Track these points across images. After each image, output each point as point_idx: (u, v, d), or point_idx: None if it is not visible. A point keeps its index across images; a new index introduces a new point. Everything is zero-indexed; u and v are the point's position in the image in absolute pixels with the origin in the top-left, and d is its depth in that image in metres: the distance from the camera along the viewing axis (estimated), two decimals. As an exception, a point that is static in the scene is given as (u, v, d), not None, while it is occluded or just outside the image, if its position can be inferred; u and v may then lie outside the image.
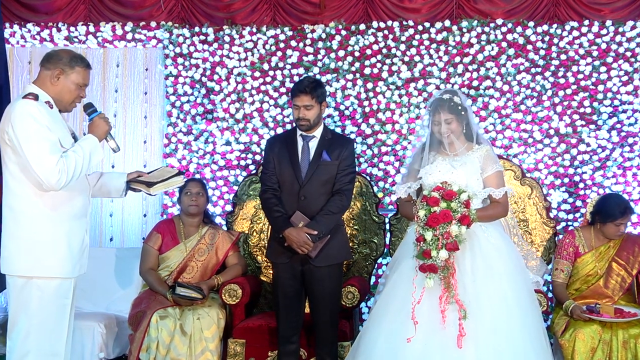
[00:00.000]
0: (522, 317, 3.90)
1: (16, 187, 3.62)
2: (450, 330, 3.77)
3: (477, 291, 3.86)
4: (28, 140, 3.52)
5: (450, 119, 4.14)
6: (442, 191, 3.90)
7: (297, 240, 4.40)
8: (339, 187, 4.57)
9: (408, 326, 3.80)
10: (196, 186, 5.24)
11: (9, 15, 6.53)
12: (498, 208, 4.13)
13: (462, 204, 3.86)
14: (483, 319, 3.80)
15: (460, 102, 4.16)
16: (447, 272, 3.82)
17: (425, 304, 3.83)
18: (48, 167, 3.51)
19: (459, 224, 3.83)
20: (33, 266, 3.61)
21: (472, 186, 4.07)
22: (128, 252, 5.99)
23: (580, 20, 6.24)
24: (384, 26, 6.39)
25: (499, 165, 4.20)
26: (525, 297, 4.01)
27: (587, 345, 4.57)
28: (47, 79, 3.71)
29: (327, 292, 4.55)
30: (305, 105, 4.50)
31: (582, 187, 6.12)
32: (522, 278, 4.10)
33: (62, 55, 3.76)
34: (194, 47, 6.50)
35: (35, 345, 3.64)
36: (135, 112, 6.65)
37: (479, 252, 3.97)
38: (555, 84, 6.22)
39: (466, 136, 4.23)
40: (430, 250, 3.81)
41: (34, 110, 3.56)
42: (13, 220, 3.64)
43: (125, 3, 6.61)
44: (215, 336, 4.84)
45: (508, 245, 4.16)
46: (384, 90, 6.33)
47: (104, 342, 5.34)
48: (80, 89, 3.79)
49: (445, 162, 4.14)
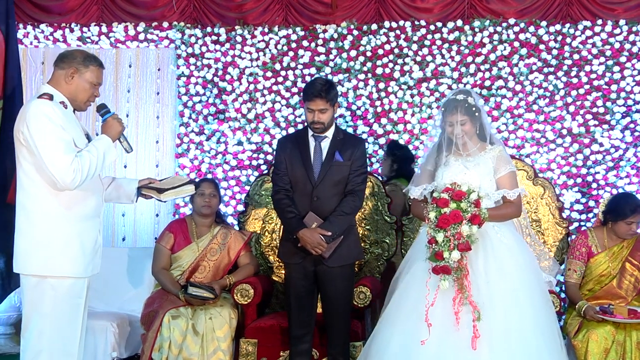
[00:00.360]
0: (536, 317, 3.88)
1: (30, 186, 3.64)
2: (464, 331, 3.75)
3: (491, 292, 3.84)
4: (43, 139, 3.53)
5: (464, 120, 4.11)
6: (451, 192, 3.87)
7: (311, 241, 4.40)
8: (352, 187, 4.56)
9: (421, 328, 3.78)
10: (209, 187, 5.24)
11: (23, 16, 6.57)
12: (511, 208, 4.11)
13: (472, 203, 3.84)
14: (496, 320, 3.78)
15: (474, 102, 4.13)
16: (461, 274, 3.80)
17: (439, 305, 3.82)
18: (63, 166, 3.52)
19: (469, 224, 3.81)
20: (46, 265, 3.63)
21: (485, 187, 4.05)
22: (140, 252, 6.00)
23: (593, 19, 6.22)
24: (395, 26, 6.39)
25: (511, 165, 4.17)
26: (538, 297, 3.99)
27: (601, 346, 4.55)
28: (62, 79, 3.73)
29: (340, 292, 4.55)
30: (320, 109, 4.49)
31: (595, 187, 6.10)
32: (535, 277, 4.08)
33: (76, 54, 3.78)
34: (206, 48, 6.52)
35: (49, 345, 3.65)
36: (147, 112, 6.67)
37: (492, 252, 3.95)
38: (568, 83, 6.20)
39: (479, 136, 4.21)
40: (442, 251, 3.79)
41: (49, 110, 3.58)
42: (26, 220, 3.66)
43: (137, 3, 6.63)
44: (227, 336, 4.84)
45: (520, 245, 4.14)
46: (395, 90, 6.33)
47: (117, 341, 5.35)
48: (94, 87, 3.80)
49: (458, 163, 4.12)
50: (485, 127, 4.21)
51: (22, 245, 3.67)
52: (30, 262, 3.65)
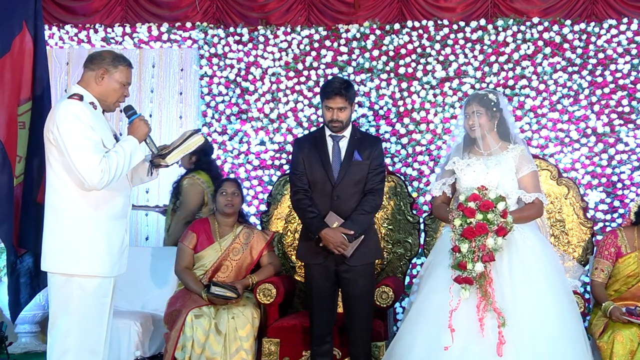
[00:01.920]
0: (562, 320, 3.85)
1: (59, 185, 3.67)
2: (489, 338, 3.71)
3: (515, 296, 3.80)
4: (72, 139, 3.56)
5: (480, 110, 4.10)
6: (479, 202, 3.82)
7: (334, 241, 4.40)
8: (371, 186, 4.56)
9: (445, 334, 3.76)
10: (232, 186, 5.25)
11: (48, 17, 6.63)
12: (533, 209, 4.08)
13: (499, 215, 3.79)
14: (522, 325, 3.74)
15: (495, 99, 4.12)
16: (484, 281, 3.77)
17: (463, 311, 3.78)
18: (91, 166, 3.55)
19: (495, 236, 3.78)
20: (74, 264, 3.66)
21: (506, 186, 4.02)
22: (164, 252, 6.03)
23: (618, 18, 6.17)
24: (418, 25, 6.37)
25: (533, 165, 4.15)
26: (563, 299, 3.96)
27: (626, 348, 4.49)
28: (92, 79, 3.76)
29: (362, 291, 4.54)
30: (339, 107, 4.49)
31: (620, 187, 6.04)
32: (560, 278, 4.04)
33: (105, 55, 3.81)
34: (228, 48, 6.54)
35: (75, 343, 3.68)
36: (170, 112, 6.71)
37: (516, 255, 3.91)
38: (593, 82, 6.15)
39: (501, 135, 4.18)
40: (466, 262, 3.76)
41: (78, 110, 3.61)
42: (55, 218, 3.69)
43: (161, 4, 6.67)
44: (249, 335, 4.85)
45: (544, 246, 4.11)
46: (418, 89, 6.31)
47: (140, 340, 5.38)
48: (124, 87, 3.83)
49: (479, 162, 4.10)
50: (508, 126, 4.19)
51: (51, 244, 3.71)
52: (58, 261, 3.69)
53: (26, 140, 4.40)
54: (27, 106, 4.36)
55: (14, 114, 4.39)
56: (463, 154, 4.18)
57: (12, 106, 4.38)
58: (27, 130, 4.41)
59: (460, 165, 4.13)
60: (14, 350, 6.08)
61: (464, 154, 4.19)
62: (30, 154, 4.35)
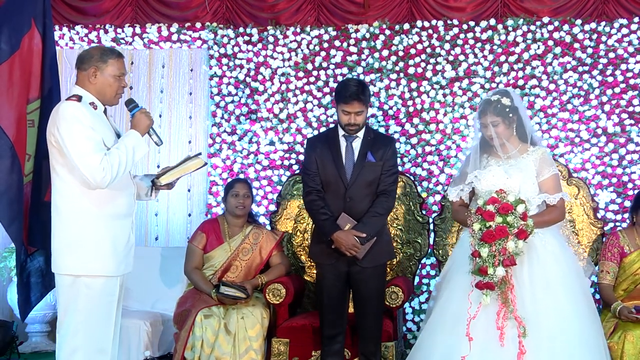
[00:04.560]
0: (581, 328, 3.77)
1: (62, 186, 3.69)
2: (509, 347, 3.64)
3: (537, 305, 3.73)
4: (72, 140, 3.59)
5: (496, 121, 4.02)
6: (497, 205, 3.75)
7: (346, 243, 4.39)
8: (384, 187, 4.55)
9: (463, 342, 3.69)
10: (244, 188, 5.26)
11: (59, 18, 6.66)
12: (554, 213, 4.02)
13: (519, 217, 3.73)
14: (542, 335, 3.67)
15: (509, 103, 4.03)
16: (505, 287, 3.70)
17: (482, 319, 3.71)
18: (92, 165, 3.57)
19: (515, 239, 3.71)
20: (79, 265, 3.68)
21: (527, 191, 3.95)
22: (173, 251, 6.05)
23: (629, 17, 6.14)
24: (428, 25, 6.36)
25: (554, 168, 4.07)
26: (583, 306, 3.88)
27: (637, 347, 4.48)
28: (86, 79, 3.78)
29: (372, 292, 4.54)
30: (357, 111, 4.47)
31: (630, 187, 6.01)
32: (580, 284, 3.97)
33: (93, 53, 3.82)
34: (238, 48, 6.55)
35: (83, 342, 3.69)
36: (180, 113, 6.72)
37: (537, 262, 3.84)
38: (603, 82, 6.12)
39: (520, 137, 4.11)
40: (487, 267, 3.68)
41: (77, 111, 3.63)
42: (59, 220, 3.72)
43: (171, 4, 6.68)
44: (259, 335, 4.85)
45: (564, 250, 4.03)
46: (428, 89, 6.30)
47: (150, 340, 5.40)
48: (119, 79, 3.83)
49: (499, 168, 4.02)
50: (526, 128, 4.10)
51: (57, 245, 3.73)
52: (65, 262, 3.71)
53: (35, 138, 4.42)
54: (35, 104, 4.38)
55: (23, 112, 4.41)
56: (482, 156, 4.11)
57: (22, 105, 4.40)
58: (36, 128, 4.43)
59: (481, 175, 4.04)
60: (25, 349, 6.11)
61: (483, 156, 4.11)
62: (38, 152, 4.36)
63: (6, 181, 4.14)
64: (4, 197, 4.14)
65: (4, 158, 4.24)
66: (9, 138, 4.28)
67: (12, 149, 4.25)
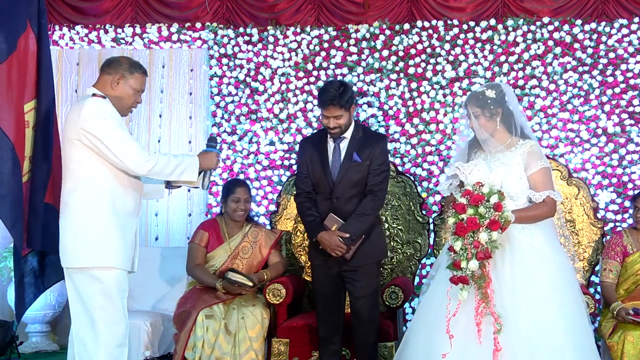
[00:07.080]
0: (566, 328, 3.62)
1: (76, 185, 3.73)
2: (486, 344, 3.53)
3: (516, 302, 3.60)
4: (108, 132, 3.67)
5: (477, 112, 3.87)
6: (469, 196, 3.61)
7: (330, 244, 4.39)
8: (371, 187, 4.50)
9: (444, 340, 3.59)
10: (245, 193, 5.23)
11: (59, 18, 6.67)
12: (542, 208, 3.80)
13: (491, 207, 3.58)
14: (520, 333, 3.56)
15: (493, 95, 3.86)
16: (483, 282, 3.58)
17: (462, 316, 3.61)
18: (134, 149, 3.70)
19: (488, 231, 3.56)
20: (91, 257, 3.70)
21: (512, 185, 3.78)
22: (173, 251, 6.05)
23: (629, 17, 6.14)
24: (428, 25, 6.36)
25: (544, 161, 3.87)
26: (571, 306, 3.71)
27: (637, 348, 4.48)
28: (108, 84, 3.84)
29: (364, 292, 4.50)
30: (335, 115, 4.44)
31: (630, 188, 6.01)
32: (568, 282, 3.79)
33: (122, 61, 3.91)
34: (238, 48, 6.55)
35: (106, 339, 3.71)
36: (180, 113, 6.72)
37: (520, 258, 3.70)
38: (603, 82, 6.12)
39: (508, 131, 3.92)
40: (460, 261, 3.56)
41: (107, 107, 3.73)
42: (70, 215, 3.75)
43: (171, 4, 6.68)
44: (259, 335, 4.85)
45: (553, 247, 3.84)
46: (428, 89, 6.30)
47: (150, 340, 5.40)
48: (137, 94, 3.91)
49: (484, 162, 3.88)
50: (517, 120, 3.92)
51: (68, 240, 3.74)
52: (76, 256, 3.73)
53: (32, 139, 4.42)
54: (31, 104, 4.36)
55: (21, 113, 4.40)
56: (474, 152, 3.98)
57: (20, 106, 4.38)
58: (31, 129, 4.42)
59: (464, 169, 3.90)
60: (25, 349, 6.11)
61: (474, 152, 3.99)
62: (35, 152, 4.36)
63: (8, 183, 4.13)
64: (7, 198, 4.14)
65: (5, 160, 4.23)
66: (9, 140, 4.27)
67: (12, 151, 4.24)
